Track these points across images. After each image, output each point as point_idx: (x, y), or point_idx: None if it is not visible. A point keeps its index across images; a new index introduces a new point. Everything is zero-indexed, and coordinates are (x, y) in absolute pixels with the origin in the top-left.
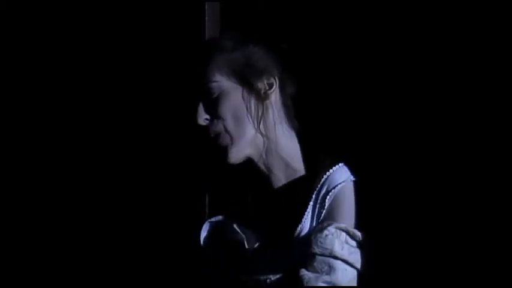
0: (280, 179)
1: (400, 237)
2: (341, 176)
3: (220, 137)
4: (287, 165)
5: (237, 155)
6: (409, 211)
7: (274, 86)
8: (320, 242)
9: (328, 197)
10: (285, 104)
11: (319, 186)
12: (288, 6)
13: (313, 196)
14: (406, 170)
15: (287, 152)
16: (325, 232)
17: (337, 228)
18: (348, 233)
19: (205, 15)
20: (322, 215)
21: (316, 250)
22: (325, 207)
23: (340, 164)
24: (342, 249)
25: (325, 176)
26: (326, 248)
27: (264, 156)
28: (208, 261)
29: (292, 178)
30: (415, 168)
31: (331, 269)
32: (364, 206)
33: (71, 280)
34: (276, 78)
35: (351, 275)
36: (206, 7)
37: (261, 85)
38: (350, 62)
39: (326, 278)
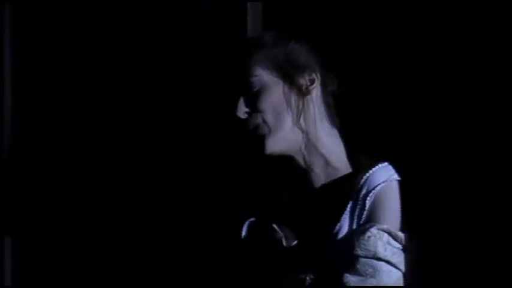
0: (320, 177)
1: (447, 239)
2: (381, 176)
3: (259, 128)
4: (327, 163)
5: (273, 146)
6: (457, 212)
7: (316, 82)
8: (363, 244)
9: (368, 197)
10: (326, 101)
11: (359, 186)
12: (330, 5)
13: (353, 196)
14: (453, 170)
15: (328, 150)
16: (368, 234)
17: (379, 229)
18: (390, 234)
19: (247, 15)
20: (364, 216)
21: (360, 252)
22: (366, 208)
23: (383, 164)
24: (385, 251)
25: (364, 177)
26: (369, 250)
27: (304, 152)
28: (249, 260)
29: (332, 177)
30: (462, 168)
31: (375, 271)
32: (410, 207)
33: (71, 280)
34: (318, 74)
35: (395, 276)
36: (248, 7)
37: (303, 80)
38: (394, 59)
39: (371, 280)
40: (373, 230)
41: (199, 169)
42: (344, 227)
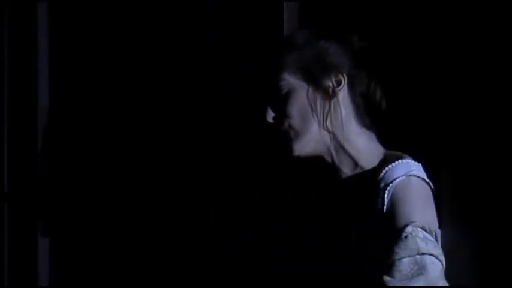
0: (347, 175)
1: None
2: (400, 171)
3: (288, 138)
4: (356, 164)
5: (300, 149)
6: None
7: (343, 83)
8: (403, 245)
9: (386, 191)
10: (354, 102)
11: (378, 179)
12: (366, 5)
13: (373, 190)
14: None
15: (356, 150)
16: (404, 234)
17: (413, 226)
18: (424, 228)
19: (283, 16)
20: (385, 209)
21: (403, 254)
22: (385, 202)
23: (404, 160)
24: (427, 245)
25: (384, 171)
26: (412, 249)
27: (332, 152)
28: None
29: (360, 175)
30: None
31: (421, 267)
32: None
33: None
34: (345, 75)
35: (439, 268)
36: (284, 7)
37: (329, 82)
38: (424, 58)
39: (419, 278)
40: (408, 229)
41: (200, 169)
42: (369, 221)
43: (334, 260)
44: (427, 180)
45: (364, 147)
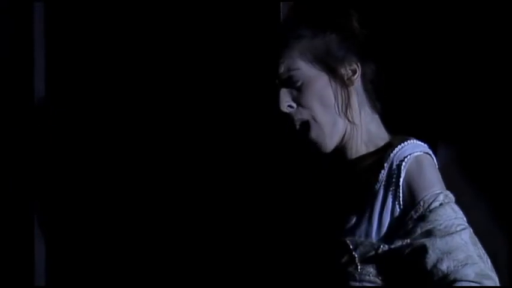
0: (353, 157)
1: None
2: (415, 148)
3: (311, 129)
4: (366, 147)
5: (331, 145)
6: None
7: (358, 72)
8: (440, 212)
9: (403, 163)
10: (366, 89)
11: (392, 155)
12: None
13: (385, 165)
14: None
15: (368, 134)
16: (437, 202)
17: (443, 195)
18: (446, 196)
19: (280, 16)
20: (401, 182)
21: (441, 220)
22: (402, 175)
23: (415, 140)
24: (458, 212)
25: (400, 146)
26: (449, 215)
27: (345, 139)
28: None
29: (365, 156)
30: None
31: (461, 223)
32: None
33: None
34: (358, 63)
35: (469, 231)
36: (281, 7)
37: (344, 71)
38: (432, 46)
39: (466, 231)
40: (440, 197)
41: (200, 168)
42: (379, 196)
43: (344, 234)
44: (435, 161)
45: (375, 131)
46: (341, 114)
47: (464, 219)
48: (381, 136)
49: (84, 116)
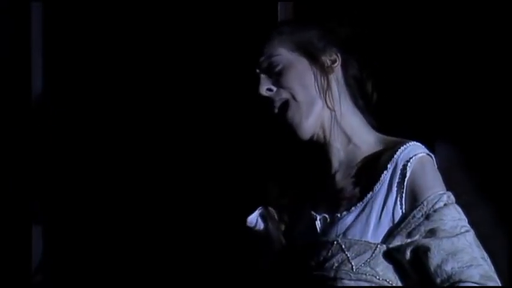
0: (339, 152)
1: None
2: (417, 150)
3: (290, 109)
4: (349, 141)
5: (309, 129)
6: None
7: (338, 62)
8: (443, 215)
9: (409, 164)
10: (347, 83)
11: (395, 156)
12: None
13: (388, 166)
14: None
15: (351, 128)
16: (439, 204)
17: (447, 196)
18: (449, 197)
19: (277, 15)
20: (406, 181)
21: (446, 220)
22: (407, 175)
23: (415, 142)
24: (461, 213)
25: (402, 147)
26: (453, 215)
27: (326, 128)
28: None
29: (353, 154)
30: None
31: (464, 225)
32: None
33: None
34: (338, 55)
35: (472, 233)
36: (279, 7)
37: (325, 59)
38: (414, 46)
39: (469, 233)
40: (444, 197)
41: (200, 168)
42: (378, 197)
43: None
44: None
45: (357, 125)
46: (321, 96)
47: (466, 220)
48: (367, 133)
49: (82, 115)
